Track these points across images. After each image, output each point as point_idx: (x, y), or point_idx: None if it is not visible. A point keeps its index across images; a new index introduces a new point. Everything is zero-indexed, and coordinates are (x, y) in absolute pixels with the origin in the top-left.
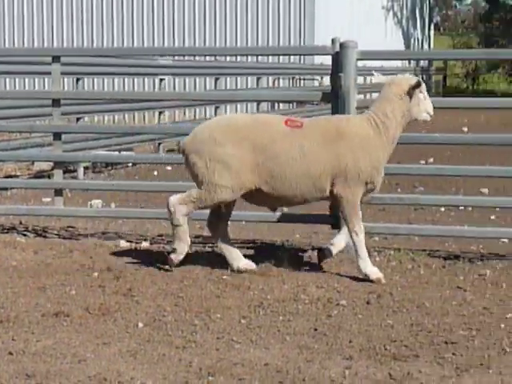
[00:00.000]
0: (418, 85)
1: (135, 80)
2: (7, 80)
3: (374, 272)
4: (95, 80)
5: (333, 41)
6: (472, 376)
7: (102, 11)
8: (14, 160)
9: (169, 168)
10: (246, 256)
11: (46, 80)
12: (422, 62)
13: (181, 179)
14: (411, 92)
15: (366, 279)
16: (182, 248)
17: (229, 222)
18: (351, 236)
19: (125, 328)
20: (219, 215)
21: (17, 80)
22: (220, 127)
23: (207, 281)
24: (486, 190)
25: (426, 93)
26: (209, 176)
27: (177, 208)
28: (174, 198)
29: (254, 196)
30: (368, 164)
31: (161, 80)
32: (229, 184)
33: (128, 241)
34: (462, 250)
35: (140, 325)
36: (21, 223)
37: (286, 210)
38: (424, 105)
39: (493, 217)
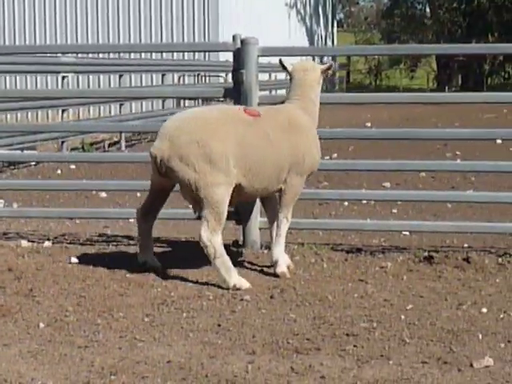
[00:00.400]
0: (330, 67)
1: (38, 78)
2: None
3: (282, 264)
4: None
5: (234, 37)
6: (372, 367)
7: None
8: None
9: (72, 166)
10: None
11: None
12: (325, 58)
13: (85, 178)
14: (322, 76)
15: (269, 273)
16: (237, 277)
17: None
18: (280, 222)
19: (26, 329)
20: (150, 209)
21: None
22: (197, 127)
23: (110, 280)
24: (388, 184)
25: None
26: (203, 179)
27: (212, 240)
28: (204, 233)
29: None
30: (317, 152)
31: (63, 78)
32: (223, 180)
33: (30, 241)
34: (364, 243)
35: (41, 325)
36: None
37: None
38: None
39: (395, 210)
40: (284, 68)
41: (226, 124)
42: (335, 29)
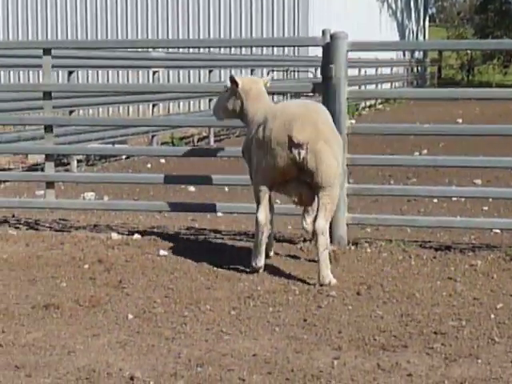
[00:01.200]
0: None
1: (129, 73)
2: (1, 73)
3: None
4: (89, 73)
5: (323, 32)
6: (461, 366)
7: (95, 3)
8: (7, 152)
9: (162, 161)
10: (237, 248)
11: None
12: (416, 53)
13: (174, 171)
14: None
15: (356, 269)
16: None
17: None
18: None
19: (115, 320)
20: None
21: (11, 73)
22: (328, 121)
23: (198, 272)
24: (479, 181)
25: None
26: (340, 169)
27: (326, 231)
28: (321, 223)
29: None
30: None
31: (154, 72)
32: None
33: (120, 233)
34: (453, 240)
35: (130, 316)
36: (13, 216)
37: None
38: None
39: (485, 208)
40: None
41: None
42: (427, 23)
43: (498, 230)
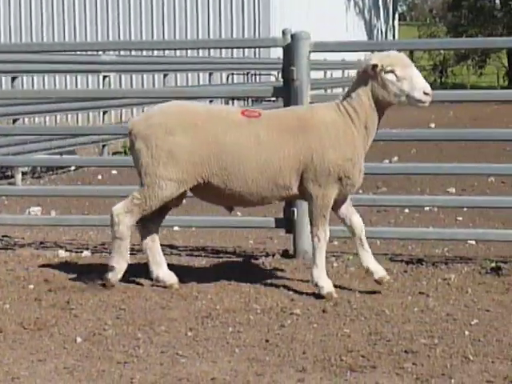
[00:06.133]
0: (374, 65)
1: (78, 77)
2: None
3: (326, 286)
4: (34, 78)
5: (283, 32)
6: None
7: (41, 4)
8: None
9: (114, 172)
10: (195, 266)
11: None
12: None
13: (126, 183)
14: (371, 73)
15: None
16: (122, 266)
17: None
18: (312, 240)
19: (62, 343)
20: (152, 217)
21: None
22: (172, 113)
23: (152, 291)
24: (453, 190)
25: (404, 72)
26: (153, 167)
27: (121, 218)
28: (117, 207)
29: (209, 192)
30: (338, 156)
31: (104, 77)
32: (174, 176)
33: (68, 250)
34: (425, 253)
35: (78, 340)
36: None
37: (239, 213)
38: (394, 87)
39: (460, 218)
40: None
41: (205, 119)
42: (396, 22)
43: (472, 242)
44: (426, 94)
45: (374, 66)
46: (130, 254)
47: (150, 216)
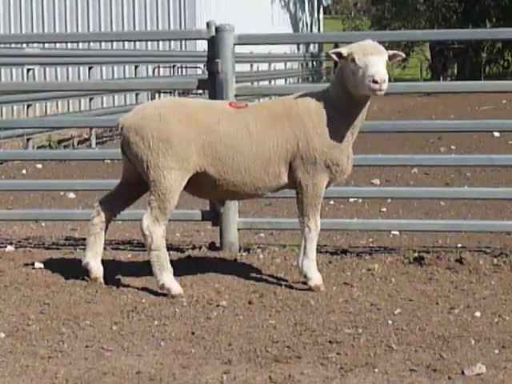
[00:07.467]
0: (339, 54)
1: (1, 70)
2: None
3: (314, 278)
4: None
5: (208, 24)
6: (357, 376)
7: None
8: None
9: (39, 165)
10: (121, 260)
11: None
12: (312, 47)
13: (51, 177)
14: (342, 61)
15: (247, 277)
16: (169, 277)
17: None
18: (303, 231)
19: None
20: (112, 205)
21: None
22: (165, 104)
23: (76, 286)
24: (376, 181)
25: (362, 60)
26: (153, 158)
27: (152, 229)
28: (143, 221)
29: (204, 185)
30: (323, 143)
31: (28, 70)
32: (175, 165)
33: None
34: (350, 244)
35: (2, 335)
36: None
37: None
38: (357, 76)
39: (384, 209)
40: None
41: (198, 109)
42: (321, 15)
43: (396, 232)
44: (374, 82)
45: (340, 55)
46: (55, 247)
47: (111, 204)
